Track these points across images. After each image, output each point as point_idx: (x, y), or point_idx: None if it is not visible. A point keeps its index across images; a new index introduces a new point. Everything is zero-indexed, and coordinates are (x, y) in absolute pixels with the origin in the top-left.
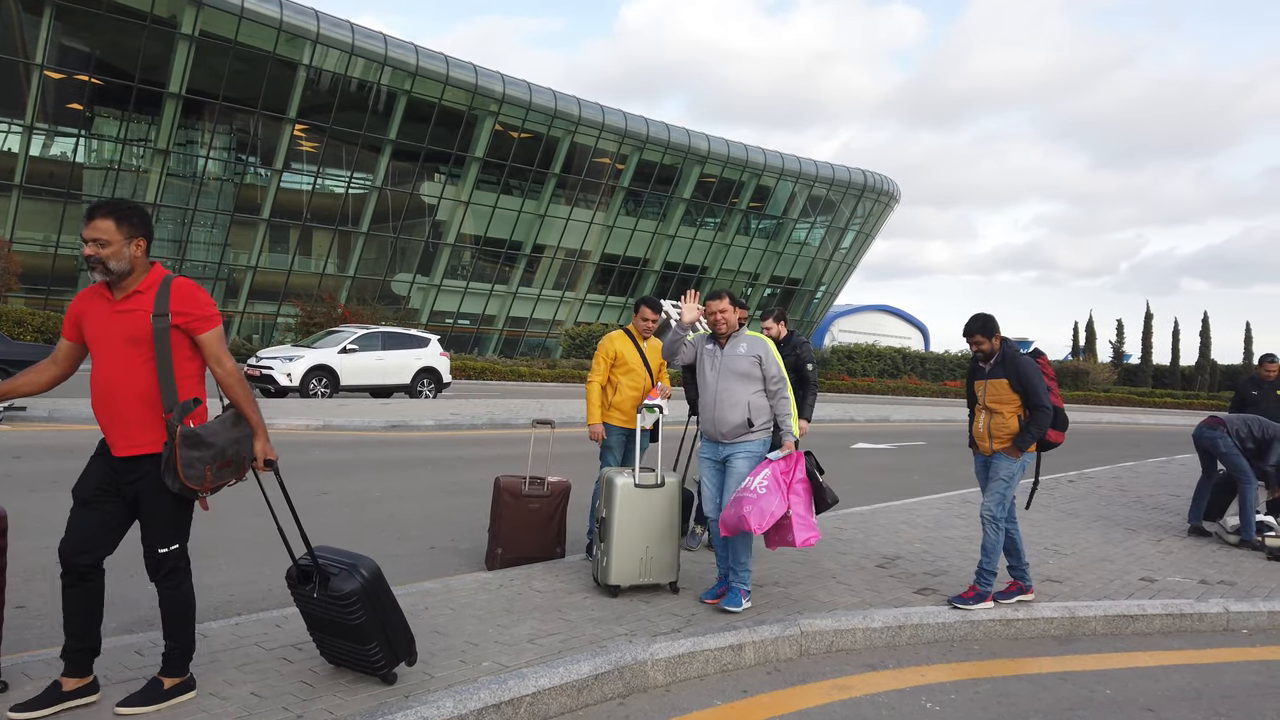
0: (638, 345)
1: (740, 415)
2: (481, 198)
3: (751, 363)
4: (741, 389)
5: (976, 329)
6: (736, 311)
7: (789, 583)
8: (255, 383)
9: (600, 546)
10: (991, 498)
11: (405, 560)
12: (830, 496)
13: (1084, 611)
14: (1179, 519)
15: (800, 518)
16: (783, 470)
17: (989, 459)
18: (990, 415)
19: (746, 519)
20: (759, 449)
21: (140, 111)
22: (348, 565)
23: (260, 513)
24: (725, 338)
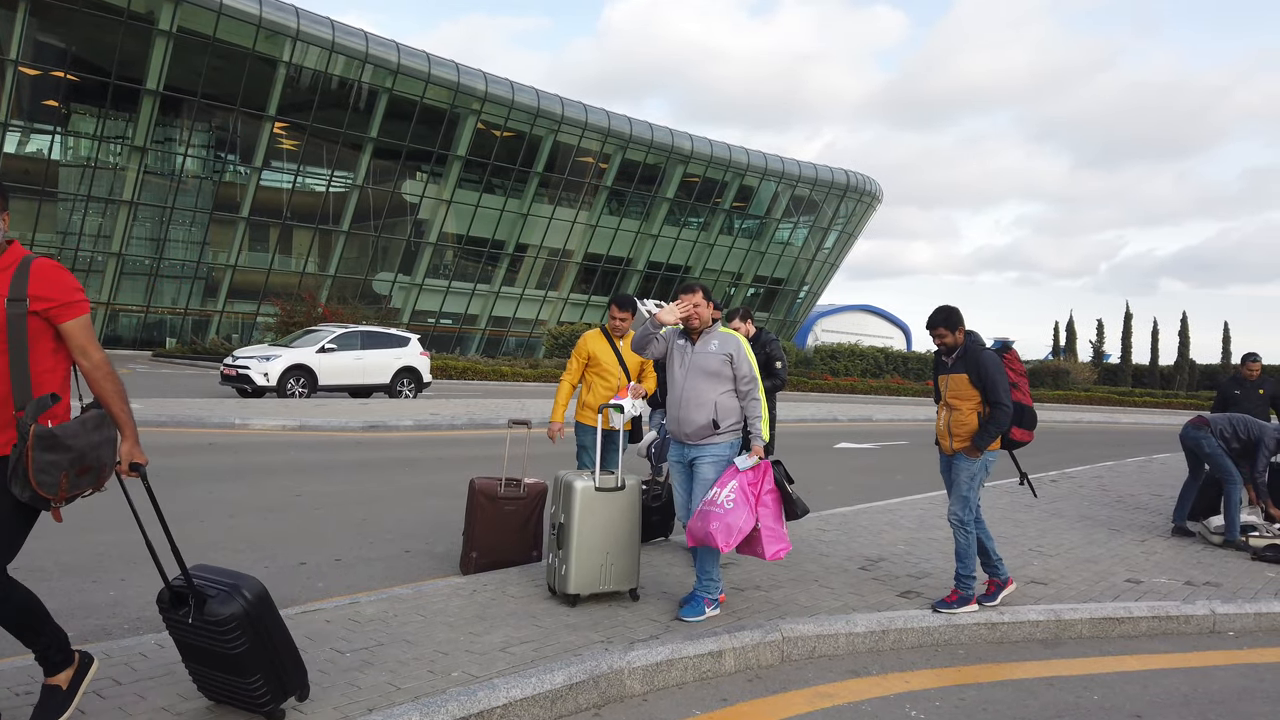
0: (613, 345)
1: (705, 416)
2: (464, 196)
3: (722, 361)
4: (709, 388)
5: (939, 321)
6: (709, 305)
7: (770, 586)
8: (231, 383)
9: (558, 553)
10: (955, 501)
11: (379, 564)
12: (800, 507)
13: (1070, 614)
14: (1162, 519)
15: (769, 530)
16: (750, 482)
17: (951, 458)
18: (950, 411)
19: (713, 535)
20: (726, 452)
21: (117, 108)
22: (228, 586)
23: (233, 514)
24: (697, 334)
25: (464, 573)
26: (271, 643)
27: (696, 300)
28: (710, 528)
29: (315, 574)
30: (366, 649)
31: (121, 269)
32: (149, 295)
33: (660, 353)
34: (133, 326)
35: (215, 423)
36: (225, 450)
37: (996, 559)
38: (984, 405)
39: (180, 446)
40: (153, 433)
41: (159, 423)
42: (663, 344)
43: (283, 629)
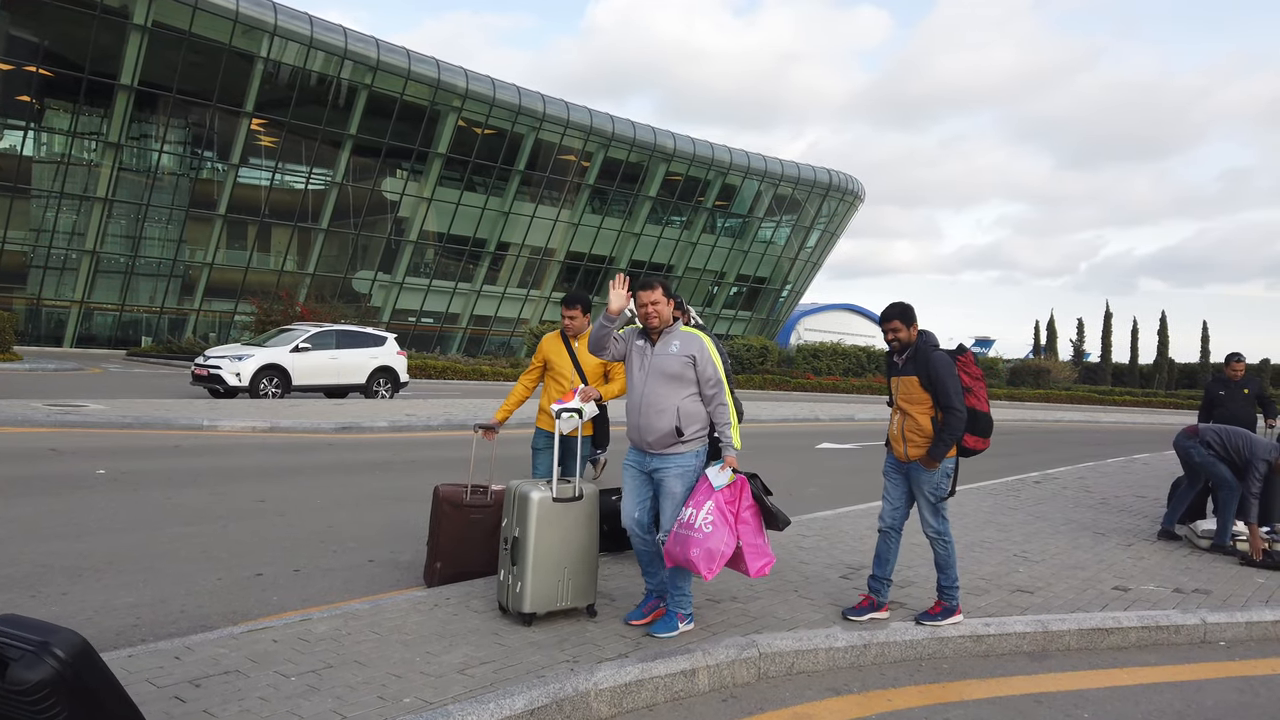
0: (568, 346)
1: (668, 422)
2: (444, 194)
3: (684, 363)
4: (671, 393)
5: (895, 315)
6: (669, 303)
7: (747, 598)
8: (203, 383)
9: (512, 569)
10: (929, 513)
11: (340, 575)
12: (782, 519)
13: (1057, 625)
14: (1147, 522)
15: (752, 547)
16: (728, 500)
17: (905, 464)
18: (903, 416)
19: (695, 564)
20: (692, 463)
21: (91, 104)
22: (35, 645)
23: (191, 521)
24: (657, 333)
25: (427, 584)
26: (98, 707)
27: (654, 298)
28: (690, 555)
29: (271, 586)
30: (314, 672)
31: (96, 267)
32: (124, 294)
33: (620, 353)
34: (108, 325)
35: (182, 424)
36: (190, 453)
37: (887, 580)
38: (936, 410)
39: (143, 449)
40: (116, 435)
41: (123, 424)
42: (621, 344)
43: (113, 688)
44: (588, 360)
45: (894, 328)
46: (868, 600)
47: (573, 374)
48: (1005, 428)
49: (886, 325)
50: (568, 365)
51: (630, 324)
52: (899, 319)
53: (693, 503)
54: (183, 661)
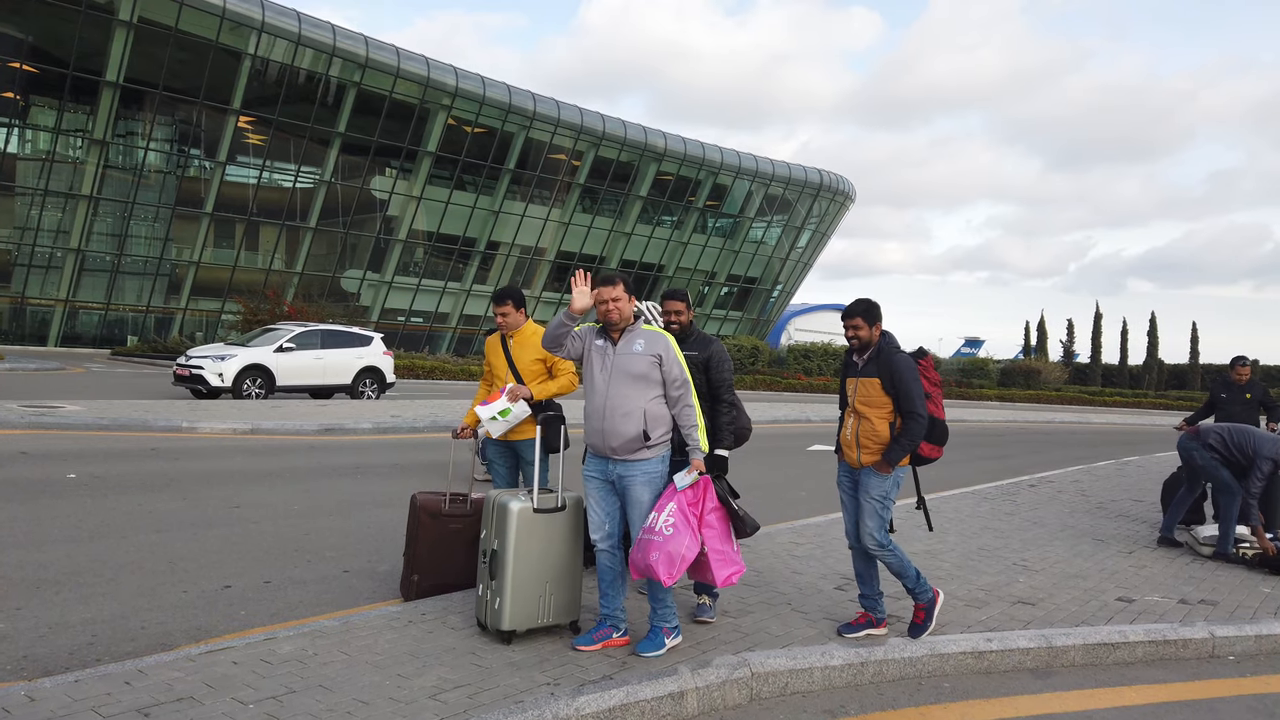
0: (504, 346)
1: (634, 427)
2: (434, 193)
3: (650, 363)
4: (637, 394)
5: (859, 311)
6: (633, 302)
7: (738, 612)
8: (185, 383)
9: (490, 584)
10: (872, 524)
11: (313, 587)
12: (750, 524)
13: (1061, 640)
14: (1146, 527)
15: (718, 553)
16: (690, 502)
17: (856, 471)
18: (859, 420)
19: (654, 567)
20: (658, 468)
21: (76, 101)
22: None
23: (160, 529)
24: (619, 332)
25: (405, 598)
26: None
27: (616, 294)
28: (650, 558)
29: (239, 599)
30: (274, 698)
31: (81, 265)
32: (110, 292)
33: (576, 352)
34: (93, 324)
35: (161, 426)
36: (167, 456)
37: (880, 594)
38: (896, 415)
39: (118, 452)
40: (91, 437)
41: (100, 426)
42: (579, 342)
43: None
44: (523, 358)
45: (855, 325)
46: (864, 617)
47: (507, 374)
48: (997, 429)
49: (848, 322)
50: (503, 365)
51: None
52: (862, 316)
53: (655, 507)
54: (133, 687)
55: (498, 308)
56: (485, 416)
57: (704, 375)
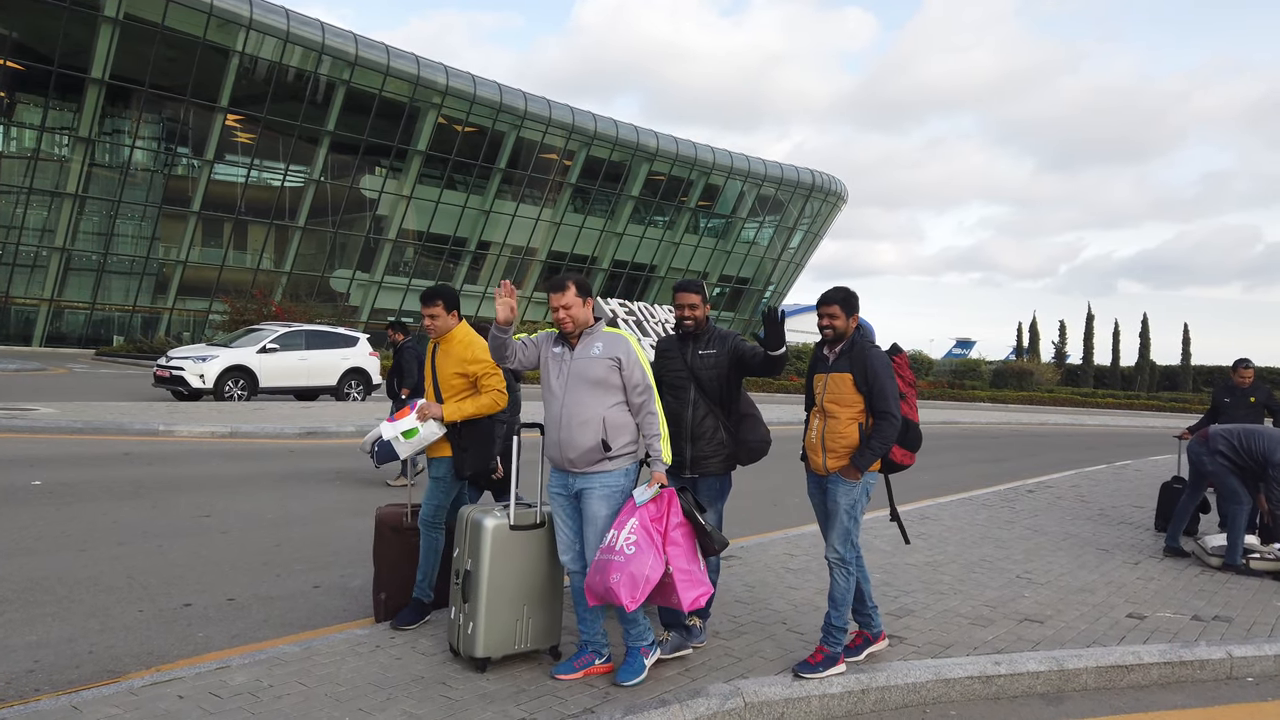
0: (433, 354)
1: (592, 436)
2: (424, 192)
3: (608, 367)
4: (595, 401)
5: (836, 299)
6: (588, 304)
7: (730, 632)
8: (165, 385)
9: (462, 607)
10: (836, 535)
11: (279, 605)
12: (718, 541)
13: (1073, 662)
14: (1149, 535)
15: (684, 574)
16: (653, 517)
17: (824, 480)
18: (825, 420)
19: (615, 591)
20: (620, 481)
21: (62, 98)
22: None
23: (124, 540)
24: (576, 337)
25: (376, 618)
26: None
27: (566, 301)
28: (610, 581)
29: (199, 619)
30: None
31: (67, 264)
32: (95, 292)
33: (530, 361)
34: (79, 324)
35: (137, 429)
36: (139, 461)
37: (871, 606)
38: (867, 415)
39: (89, 457)
40: (62, 441)
41: (73, 429)
42: (533, 350)
43: None
44: (444, 369)
45: (832, 313)
46: (860, 637)
47: (430, 386)
48: (991, 431)
49: (824, 309)
50: (429, 376)
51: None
52: (840, 304)
53: (614, 522)
54: None
55: (426, 309)
56: (388, 435)
57: (730, 373)
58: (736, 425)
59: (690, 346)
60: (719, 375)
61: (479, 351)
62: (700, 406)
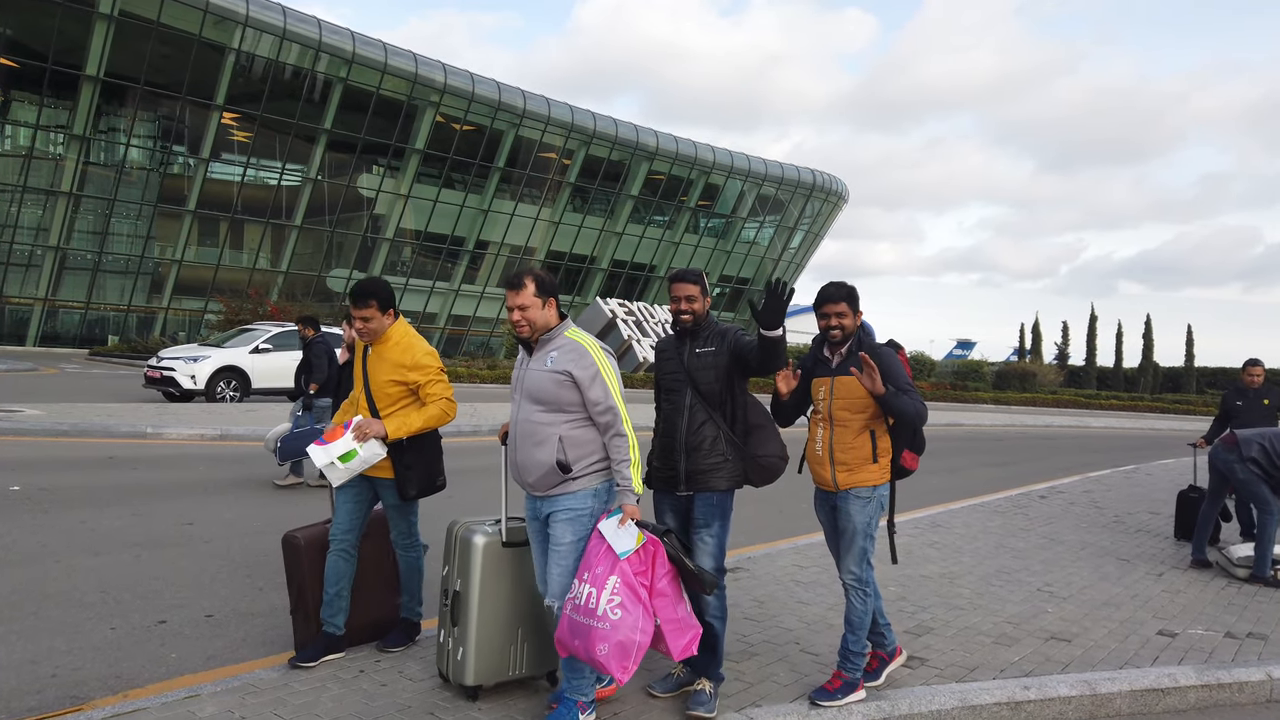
0: (364, 358)
1: (548, 455)
2: (422, 191)
3: (559, 382)
4: (548, 419)
5: (843, 296)
6: (549, 305)
7: (740, 654)
8: (156, 385)
9: (452, 631)
10: (852, 557)
11: (260, 621)
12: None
13: (1106, 686)
14: (1169, 544)
15: (673, 622)
16: (638, 571)
17: (832, 495)
18: (831, 429)
19: (603, 664)
20: (587, 504)
21: (56, 96)
22: None
23: (100, 550)
24: (535, 342)
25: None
26: None
27: (522, 300)
28: (596, 652)
29: (173, 638)
30: None
31: (61, 263)
32: (90, 291)
33: None
34: (73, 324)
35: (124, 431)
36: (124, 465)
37: (884, 624)
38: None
39: (72, 461)
40: (46, 444)
41: (58, 432)
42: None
43: None
44: (378, 375)
45: (840, 312)
46: (876, 659)
47: (363, 394)
48: (996, 433)
49: (831, 308)
50: (358, 380)
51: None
52: (847, 301)
53: (589, 576)
54: None
55: (358, 310)
56: (321, 462)
57: (730, 377)
58: (744, 437)
59: (687, 344)
60: (717, 376)
61: (421, 355)
62: (697, 412)
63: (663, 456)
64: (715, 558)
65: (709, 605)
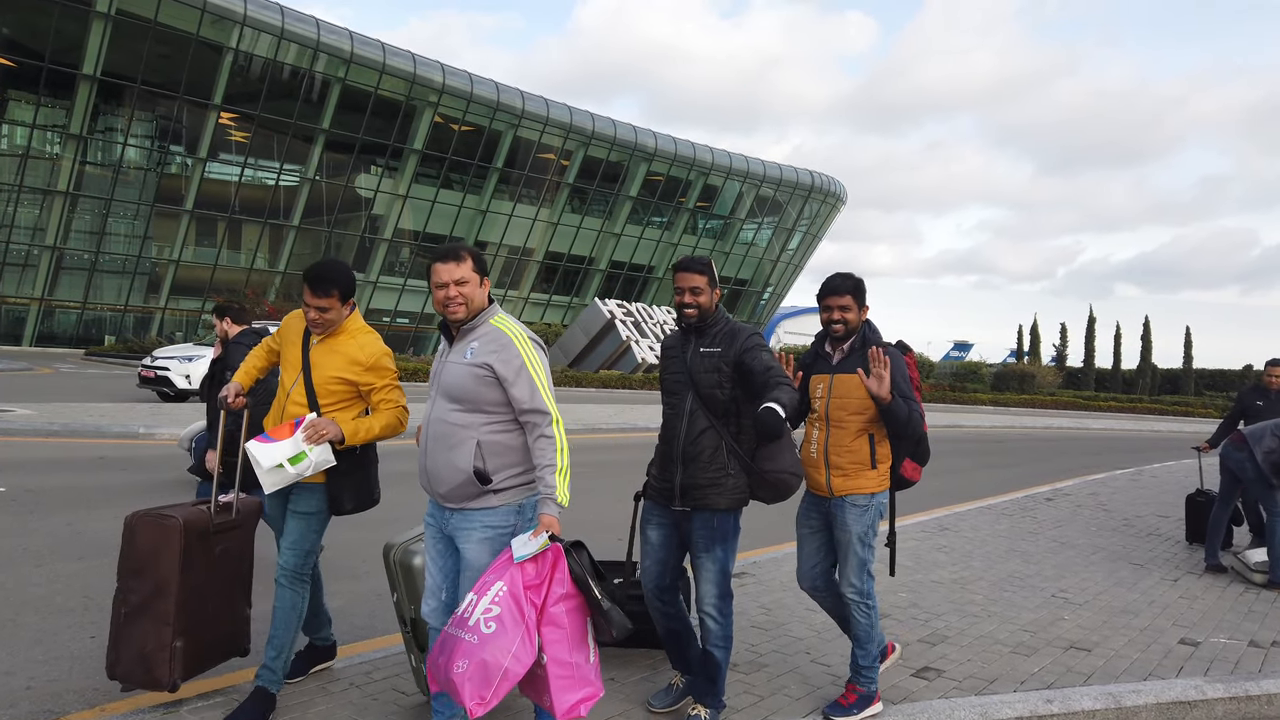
0: (305, 346)
1: (463, 462)
2: (420, 191)
3: (478, 377)
4: (465, 419)
5: (849, 288)
6: (485, 286)
7: (749, 665)
8: (150, 385)
9: (422, 657)
10: (851, 568)
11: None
12: (619, 623)
13: (1131, 699)
14: (1181, 548)
15: (563, 668)
16: (529, 583)
17: (826, 502)
18: (828, 430)
19: (458, 686)
20: (509, 521)
21: (53, 95)
22: None
23: (84, 555)
24: (458, 327)
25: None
26: None
27: (460, 274)
28: (453, 670)
29: None
30: None
31: (58, 263)
32: (87, 291)
33: None
34: (70, 324)
35: (116, 432)
36: (114, 466)
37: None
38: (875, 426)
39: (61, 462)
40: (36, 444)
41: (49, 432)
42: None
43: None
44: (326, 369)
45: (844, 305)
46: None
47: (300, 390)
48: (997, 434)
49: (835, 301)
50: (292, 371)
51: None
52: (853, 295)
53: (475, 586)
54: None
55: (316, 299)
56: (267, 463)
57: (736, 382)
58: (752, 449)
59: (692, 342)
60: (721, 380)
61: (382, 355)
62: (698, 419)
63: (660, 466)
64: (718, 584)
65: (711, 632)
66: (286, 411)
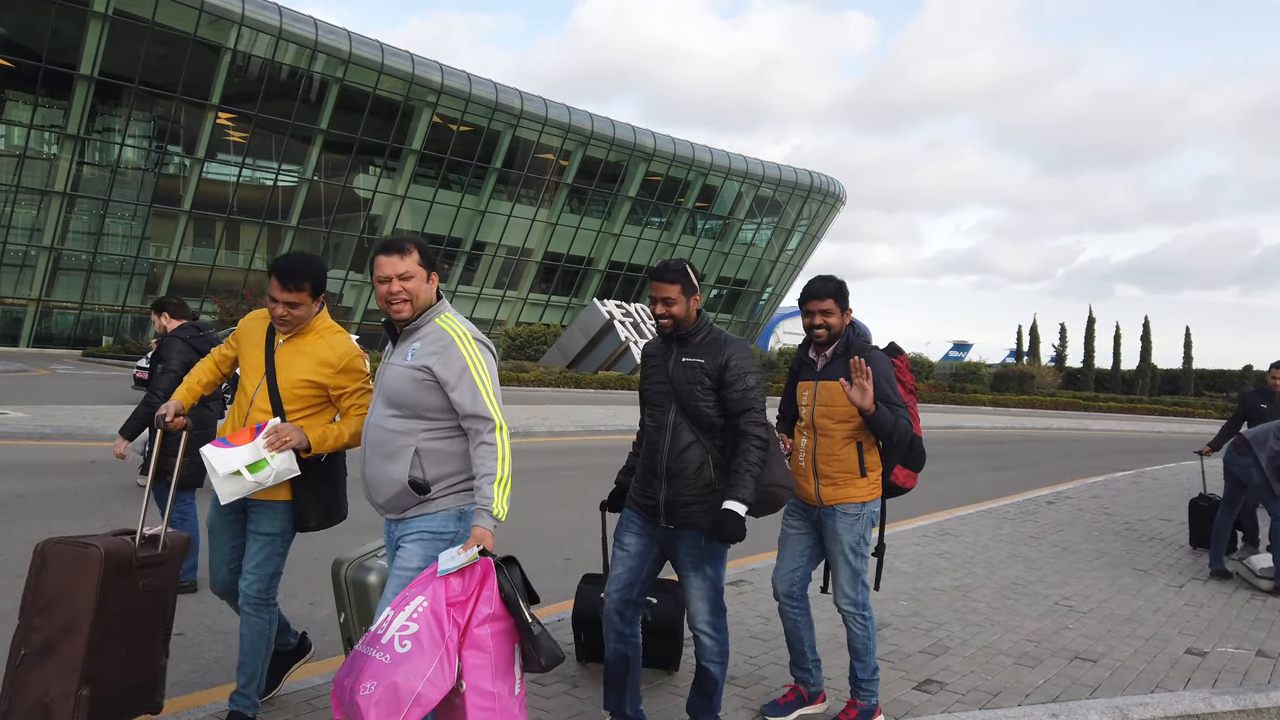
0: (270, 345)
1: (399, 471)
2: (419, 192)
3: (418, 380)
4: (404, 426)
5: (830, 292)
6: (433, 282)
7: (746, 677)
8: (143, 386)
9: None
10: (845, 579)
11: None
12: (548, 651)
13: (1139, 712)
14: (1185, 553)
15: (484, 697)
16: (452, 600)
17: (814, 510)
18: (815, 438)
19: (363, 710)
20: (448, 526)
21: (51, 95)
22: None
23: None
24: (401, 326)
25: None
26: None
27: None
28: (359, 693)
29: None
30: None
31: (55, 264)
32: (85, 291)
33: None
34: (67, 324)
35: (109, 435)
36: (103, 471)
37: (814, 659)
38: (863, 435)
39: (51, 466)
40: (25, 448)
41: (40, 435)
42: None
43: None
44: (292, 371)
45: (826, 309)
46: (793, 693)
47: (262, 391)
48: (997, 436)
49: (816, 305)
50: (255, 375)
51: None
52: (834, 298)
53: (396, 599)
54: None
55: (286, 294)
56: (223, 470)
57: (717, 395)
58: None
59: (674, 350)
60: (704, 392)
61: (354, 356)
62: (682, 432)
63: (642, 481)
64: (710, 601)
65: (707, 648)
66: (250, 419)
